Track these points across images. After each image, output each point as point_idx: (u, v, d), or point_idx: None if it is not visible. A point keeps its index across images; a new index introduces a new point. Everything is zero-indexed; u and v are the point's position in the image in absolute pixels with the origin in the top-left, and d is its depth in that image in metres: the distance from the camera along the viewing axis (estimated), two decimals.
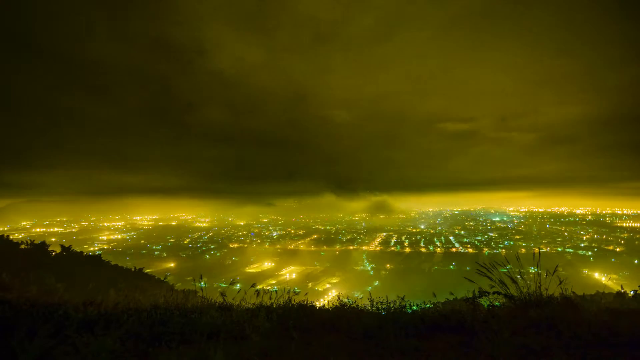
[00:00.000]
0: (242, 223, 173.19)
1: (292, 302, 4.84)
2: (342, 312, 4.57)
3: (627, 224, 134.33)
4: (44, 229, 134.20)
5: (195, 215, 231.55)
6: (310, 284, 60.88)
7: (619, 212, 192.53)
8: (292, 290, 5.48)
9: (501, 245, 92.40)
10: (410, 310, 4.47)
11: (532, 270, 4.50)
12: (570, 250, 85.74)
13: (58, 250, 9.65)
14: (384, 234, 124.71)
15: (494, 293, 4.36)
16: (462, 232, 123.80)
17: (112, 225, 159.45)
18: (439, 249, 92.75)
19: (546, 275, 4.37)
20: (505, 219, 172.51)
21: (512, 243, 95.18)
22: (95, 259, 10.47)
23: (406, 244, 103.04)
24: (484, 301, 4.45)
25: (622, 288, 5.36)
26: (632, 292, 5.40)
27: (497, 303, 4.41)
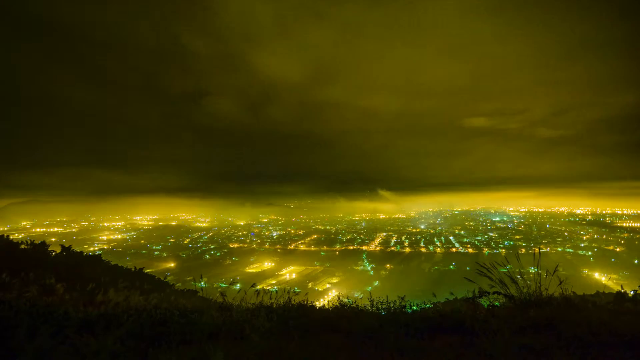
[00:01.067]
0: (242, 223, 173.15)
1: (292, 302, 4.84)
2: (342, 312, 4.57)
3: (627, 224, 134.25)
4: (44, 229, 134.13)
5: (195, 215, 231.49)
6: (310, 284, 60.83)
7: (619, 212, 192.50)
8: (292, 290, 5.49)
9: (501, 245, 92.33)
10: (410, 310, 4.47)
11: (532, 270, 4.50)
12: (570, 250, 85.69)
13: (58, 250, 9.62)
14: (384, 234, 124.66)
15: (494, 293, 4.36)
16: (462, 232, 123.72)
17: (112, 225, 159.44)
18: (439, 249, 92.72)
19: (546, 275, 4.37)
20: (505, 219, 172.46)
21: (512, 243, 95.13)
22: (95, 259, 10.45)
23: (406, 244, 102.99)
24: (484, 301, 4.45)
25: (622, 288, 5.35)
26: (632, 292, 5.39)
27: (497, 303, 4.41)
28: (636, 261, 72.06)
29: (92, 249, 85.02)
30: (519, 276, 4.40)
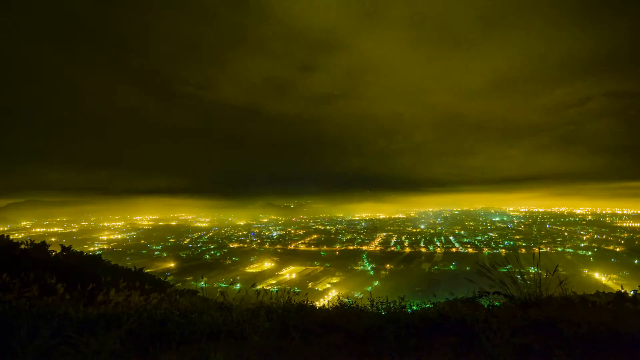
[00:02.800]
0: (242, 223, 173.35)
1: (292, 302, 4.83)
2: (342, 312, 4.57)
3: (627, 224, 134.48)
4: (44, 229, 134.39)
5: (195, 215, 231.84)
6: (310, 284, 60.89)
7: (619, 212, 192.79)
8: (292, 290, 5.49)
9: (501, 245, 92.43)
10: (410, 310, 4.46)
11: (532, 270, 4.51)
12: (570, 250, 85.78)
13: (58, 250, 9.62)
14: (384, 234, 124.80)
15: (494, 293, 4.37)
16: (462, 232, 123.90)
17: (112, 225, 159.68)
18: (439, 249, 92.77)
19: (546, 275, 4.38)
20: (505, 219, 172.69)
21: (512, 243, 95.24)
22: (95, 259, 10.45)
23: (406, 244, 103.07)
24: (484, 301, 4.45)
25: (622, 288, 5.36)
26: (632, 292, 5.39)
27: (497, 303, 4.41)
28: (636, 261, 72.12)
29: (92, 249, 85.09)
30: (519, 276, 4.40)
